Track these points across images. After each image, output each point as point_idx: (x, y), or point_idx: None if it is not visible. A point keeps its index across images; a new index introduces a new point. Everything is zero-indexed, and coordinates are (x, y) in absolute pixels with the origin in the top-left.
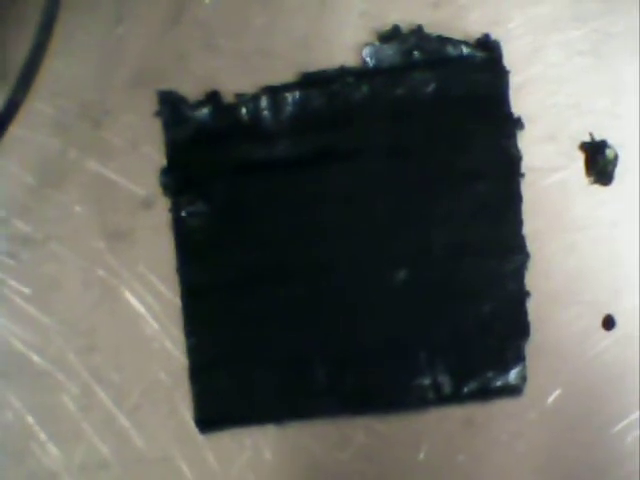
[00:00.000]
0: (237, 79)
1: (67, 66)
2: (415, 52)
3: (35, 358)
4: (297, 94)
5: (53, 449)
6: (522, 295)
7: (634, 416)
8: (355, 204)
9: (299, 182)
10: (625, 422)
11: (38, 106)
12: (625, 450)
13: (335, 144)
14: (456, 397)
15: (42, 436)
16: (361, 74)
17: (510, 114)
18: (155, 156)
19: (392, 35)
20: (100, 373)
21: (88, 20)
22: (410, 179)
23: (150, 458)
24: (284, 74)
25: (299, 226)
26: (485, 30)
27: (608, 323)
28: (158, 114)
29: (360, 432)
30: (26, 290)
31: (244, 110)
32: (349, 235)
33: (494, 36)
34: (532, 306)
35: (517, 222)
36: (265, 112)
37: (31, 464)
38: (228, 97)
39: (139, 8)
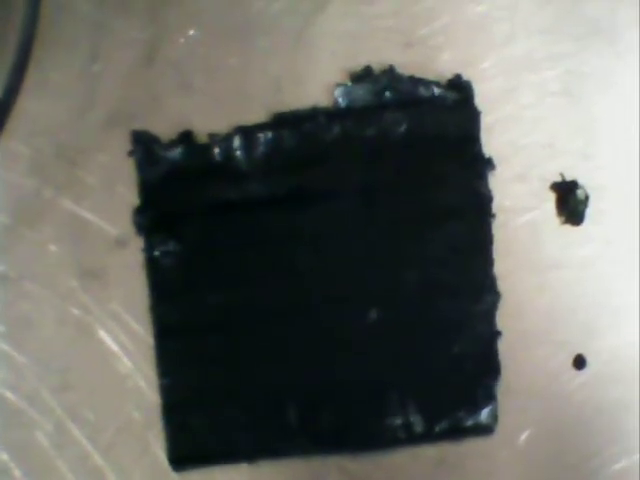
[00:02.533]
0: (210, 119)
1: (42, 106)
2: (387, 92)
3: (9, 395)
4: (270, 134)
5: None
6: (493, 335)
7: (606, 454)
8: (327, 244)
9: (271, 222)
10: (596, 461)
11: (13, 146)
12: None
13: (307, 184)
14: (428, 436)
15: (17, 473)
16: (333, 114)
17: (481, 154)
18: (129, 195)
19: (364, 75)
20: (74, 411)
21: (63, 60)
22: (382, 219)
23: None
24: (257, 114)
25: (271, 266)
26: (457, 70)
27: (579, 363)
28: (131, 154)
29: (333, 471)
30: (0, 328)
31: (217, 150)
32: (321, 275)
33: (466, 76)
34: (503, 345)
35: (488, 262)
36: (238, 152)
37: None
38: (201, 137)
39: (114, 48)
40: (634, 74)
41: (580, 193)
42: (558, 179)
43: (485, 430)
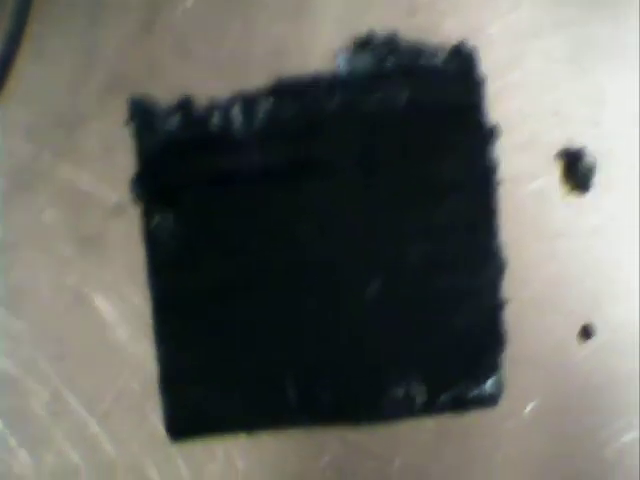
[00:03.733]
0: (210, 86)
1: (40, 72)
2: (390, 59)
3: (5, 363)
4: (270, 102)
5: (23, 455)
6: (499, 304)
7: (613, 427)
8: (326, 216)
9: (270, 193)
10: (604, 433)
11: (11, 111)
12: (604, 461)
13: (307, 155)
14: (430, 408)
15: (12, 441)
16: (334, 82)
17: (486, 122)
18: (127, 163)
19: (367, 41)
20: (71, 380)
21: (61, 26)
22: (384, 190)
23: (121, 465)
24: (258, 81)
25: (270, 238)
26: (462, 37)
27: (586, 332)
28: (129, 121)
29: (334, 442)
30: None
31: (216, 118)
32: (320, 247)
33: (472, 43)
34: (509, 315)
35: (493, 232)
36: (237, 120)
37: (1, 469)
38: (201, 104)
39: (112, 14)
40: None
41: (587, 161)
42: (565, 147)
43: (489, 401)
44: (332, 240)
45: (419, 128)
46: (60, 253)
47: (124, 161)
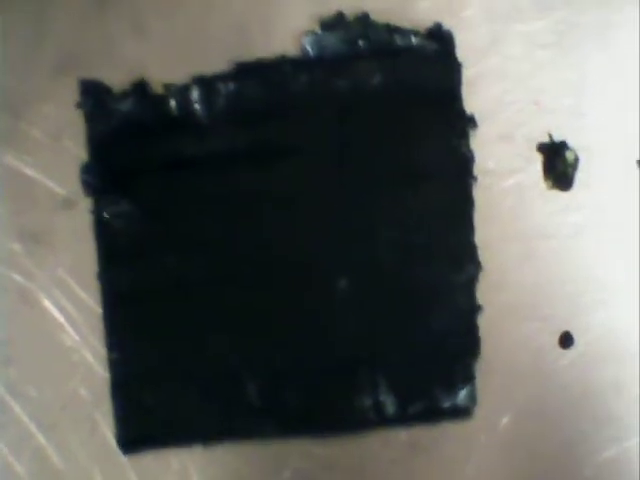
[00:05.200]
0: (167, 67)
1: None
2: (360, 41)
3: None
4: (231, 85)
5: None
6: (473, 308)
7: (593, 442)
8: (294, 204)
9: (233, 180)
10: (583, 448)
11: None
12: (584, 478)
13: (272, 139)
14: (400, 418)
15: None
16: (301, 64)
17: (462, 111)
18: (77, 151)
19: (336, 22)
20: (16, 387)
21: (8, 3)
22: (353, 178)
23: (69, 479)
24: (218, 63)
25: (232, 229)
26: (437, 18)
27: (566, 340)
28: (80, 105)
29: (296, 456)
30: None
31: (173, 102)
32: (287, 238)
33: (447, 25)
34: (484, 321)
35: (468, 229)
36: (197, 104)
37: None
38: (157, 87)
39: None
40: (632, 26)
41: (569, 155)
42: (546, 139)
43: (462, 413)
44: (298, 231)
45: (392, 113)
46: (4, 249)
47: (74, 149)
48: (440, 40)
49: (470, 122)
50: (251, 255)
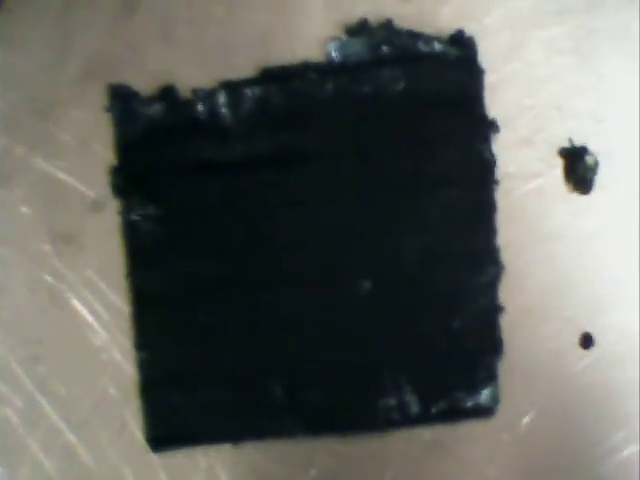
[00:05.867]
0: (194, 73)
1: (13, 58)
2: (384, 47)
3: None
4: (257, 90)
5: None
6: (495, 310)
7: (613, 440)
8: (317, 209)
9: (257, 184)
10: (602, 447)
11: None
12: (602, 476)
13: (296, 145)
14: (423, 418)
15: None
16: (325, 70)
17: (484, 116)
18: (106, 155)
19: (360, 29)
20: (46, 385)
21: (37, 8)
22: (376, 183)
23: (99, 477)
24: (244, 69)
25: (257, 231)
26: (460, 25)
27: (586, 341)
28: (108, 109)
29: (322, 454)
30: None
31: (200, 107)
32: (310, 242)
33: (469, 32)
34: (505, 321)
35: (490, 231)
36: (223, 109)
37: None
38: (184, 92)
39: None
40: None
41: (589, 159)
42: (566, 144)
43: (485, 412)
44: (322, 235)
45: (415, 118)
46: (35, 250)
47: (102, 152)
48: (462, 46)
49: (492, 127)
50: (276, 258)
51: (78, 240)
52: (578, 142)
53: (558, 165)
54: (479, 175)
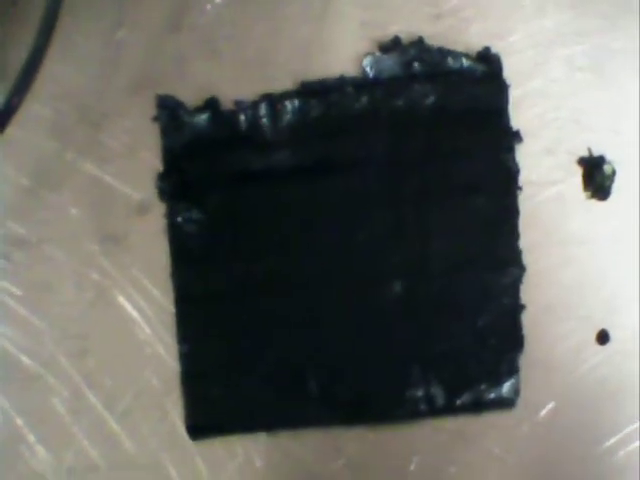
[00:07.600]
0: (236, 86)
1: (67, 70)
2: (415, 64)
3: (26, 360)
4: (296, 103)
5: (42, 452)
6: (517, 308)
7: (627, 431)
8: (352, 216)
9: (296, 192)
10: (618, 437)
11: (36, 108)
12: (618, 465)
13: (333, 155)
14: (448, 409)
15: (31, 439)
16: (360, 84)
17: (509, 128)
18: (152, 161)
19: (393, 46)
20: (91, 377)
21: (89, 25)
22: (408, 191)
23: (140, 463)
24: (284, 82)
25: (295, 237)
26: (486, 43)
27: (602, 338)
28: (156, 119)
29: (352, 442)
30: (18, 292)
31: (243, 117)
32: (346, 246)
33: (495, 49)
34: (526, 319)
35: (514, 235)
36: (264, 120)
37: (20, 467)
38: (227, 104)
39: (140, 13)
40: None
41: (607, 168)
42: (585, 153)
43: (506, 404)
44: (356, 239)
45: (444, 130)
46: (83, 250)
47: (149, 159)
48: (489, 63)
49: (516, 138)
50: (313, 261)
51: (124, 240)
52: (596, 152)
53: (577, 173)
54: (503, 183)
